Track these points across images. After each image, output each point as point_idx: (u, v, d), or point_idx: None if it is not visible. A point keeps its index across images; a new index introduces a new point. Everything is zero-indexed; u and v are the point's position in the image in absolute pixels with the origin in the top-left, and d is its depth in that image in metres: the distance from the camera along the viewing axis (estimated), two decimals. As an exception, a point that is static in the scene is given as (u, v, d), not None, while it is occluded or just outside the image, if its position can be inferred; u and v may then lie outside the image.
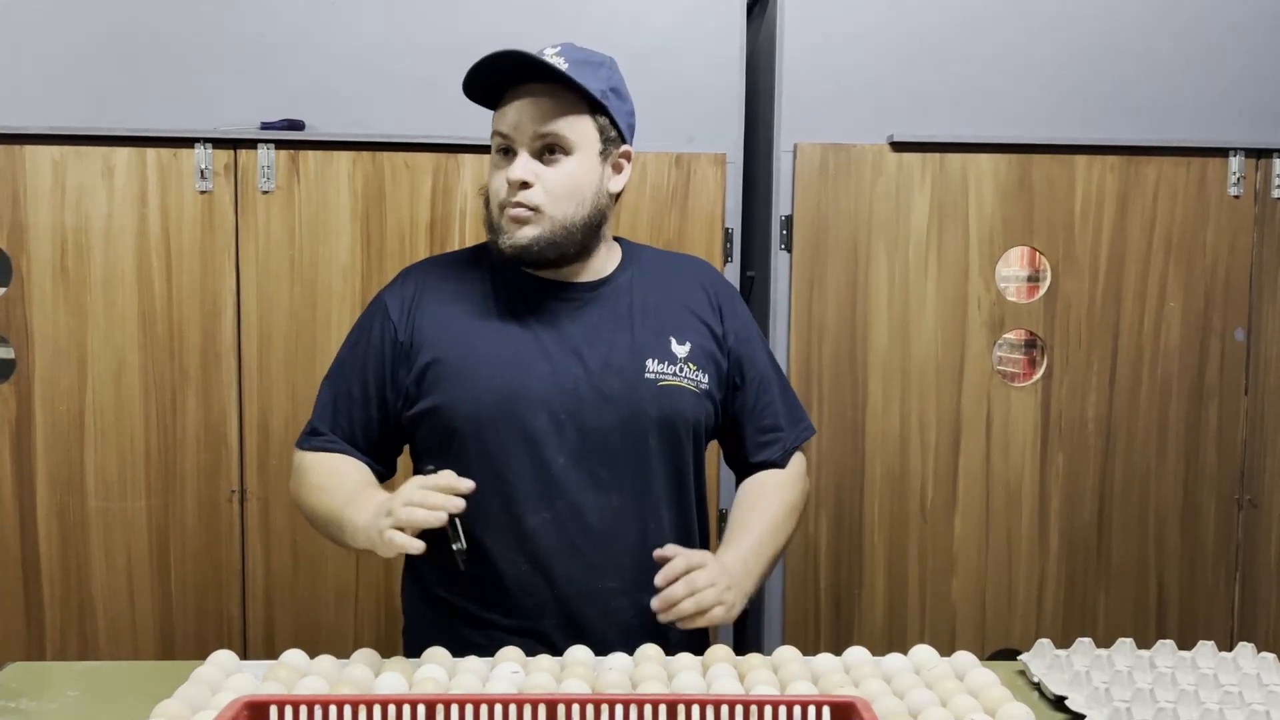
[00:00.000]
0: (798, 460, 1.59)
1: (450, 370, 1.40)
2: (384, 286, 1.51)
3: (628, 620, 1.40)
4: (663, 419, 1.43)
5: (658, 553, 1.37)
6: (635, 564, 1.41)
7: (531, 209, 1.38)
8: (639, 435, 1.42)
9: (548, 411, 1.39)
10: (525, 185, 1.37)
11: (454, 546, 1.27)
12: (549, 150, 1.39)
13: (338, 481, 1.41)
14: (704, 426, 1.48)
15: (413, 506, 1.22)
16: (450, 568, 1.31)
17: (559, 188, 1.39)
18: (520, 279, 1.45)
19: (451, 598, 1.44)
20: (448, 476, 1.26)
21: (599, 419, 1.40)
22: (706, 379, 1.47)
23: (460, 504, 1.24)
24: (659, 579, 1.32)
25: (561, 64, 1.37)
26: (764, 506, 1.50)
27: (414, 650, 1.34)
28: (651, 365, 1.43)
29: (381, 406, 1.44)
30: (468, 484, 1.26)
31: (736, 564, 1.41)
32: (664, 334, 1.46)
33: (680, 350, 1.46)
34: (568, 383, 1.40)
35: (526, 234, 1.38)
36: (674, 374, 1.44)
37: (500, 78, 1.40)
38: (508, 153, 1.40)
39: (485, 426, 1.39)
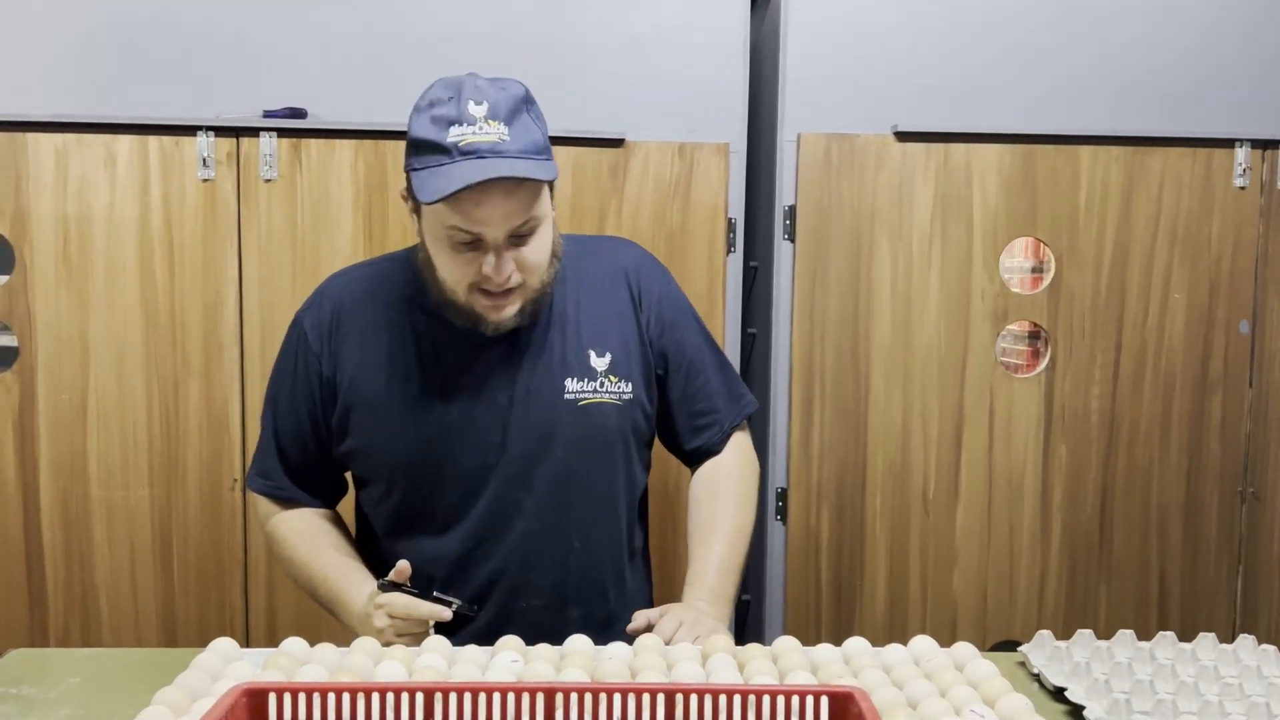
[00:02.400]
0: (739, 441, 1.56)
1: (373, 413, 1.40)
2: (301, 306, 1.48)
3: (558, 630, 1.39)
4: (582, 440, 1.42)
5: (630, 628, 1.38)
6: (558, 580, 1.44)
7: (514, 289, 1.34)
8: (559, 459, 1.41)
9: (474, 447, 1.39)
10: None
11: (458, 611, 1.33)
12: (521, 234, 1.32)
13: (312, 563, 1.43)
14: (632, 435, 1.46)
15: (399, 637, 1.30)
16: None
17: (535, 261, 1.34)
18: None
19: None
20: (410, 606, 1.29)
21: (521, 448, 1.40)
22: (630, 387, 1.44)
23: (446, 615, 1.30)
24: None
25: (505, 135, 1.27)
26: (720, 516, 1.49)
27: None
28: (571, 385, 1.42)
29: (317, 439, 1.45)
30: (438, 613, 1.30)
31: (705, 599, 1.42)
32: (583, 349, 1.43)
33: (600, 363, 1.43)
34: (490, 418, 1.39)
35: (510, 313, 1.35)
36: (594, 390, 1.42)
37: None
38: (471, 242, 1.30)
39: (411, 467, 1.40)
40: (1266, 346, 2.19)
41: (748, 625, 2.32)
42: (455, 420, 1.39)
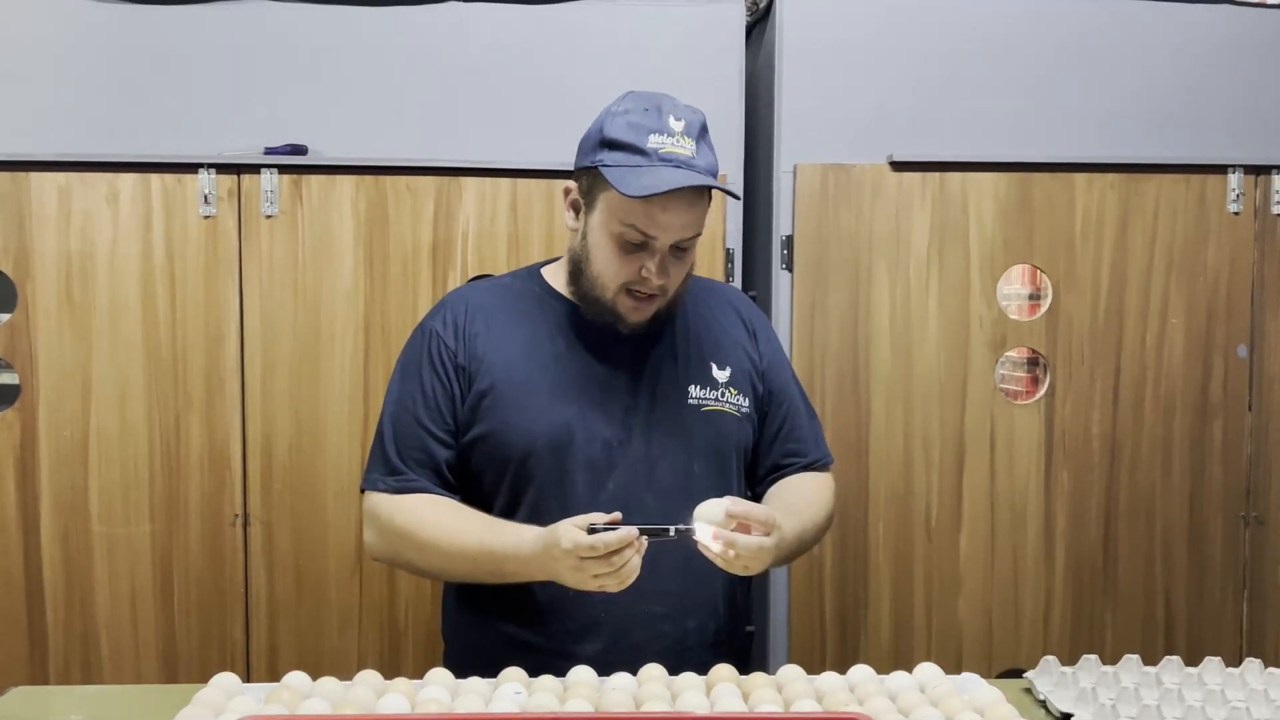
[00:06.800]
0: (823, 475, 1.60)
1: (505, 398, 1.42)
2: (425, 316, 1.52)
3: (673, 645, 1.41)
4: (707, 445, 1.45)
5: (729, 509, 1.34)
6: (681, 589, 1.43)
7: (658, 295, 1.41)
8: (685, 461, 1.44)
9: (600, 440, 1.41)
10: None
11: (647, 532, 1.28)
12: (683, 246, 1.40)
13: (458, 524, 1.38)
14: (744, 449, 1.51)
15: (603, 578, 1.25)
16: (505, 591, 1.36)
17: (683, 273, 1.43)
18: (568, 307, 1.47)
19: (500, 623, 1.43)
20: (615, 537, 1.24)
21: (647, 446, 1.42)
22: (747, 402, 1.50)
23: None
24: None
25: (694, 153, 1.35)
26: (805, 494, 1.51)
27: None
28: (695, 391, 1.46)
29: (450, 432, 1.44)
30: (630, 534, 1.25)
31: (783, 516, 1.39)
32: (705, 360, 1.49)
33: (721, 375, 1.49)
34: (618, 411, 1.42)
35: (648, 315, 1.42)
36: (716, 399, 1.47)
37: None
38: (640, 244, 1.38)
39: (539, 454, 1.40)
40: (1265, 370, 2.20)
41: (752, 655, 2.30)
42: (584, 410, 1.41)
